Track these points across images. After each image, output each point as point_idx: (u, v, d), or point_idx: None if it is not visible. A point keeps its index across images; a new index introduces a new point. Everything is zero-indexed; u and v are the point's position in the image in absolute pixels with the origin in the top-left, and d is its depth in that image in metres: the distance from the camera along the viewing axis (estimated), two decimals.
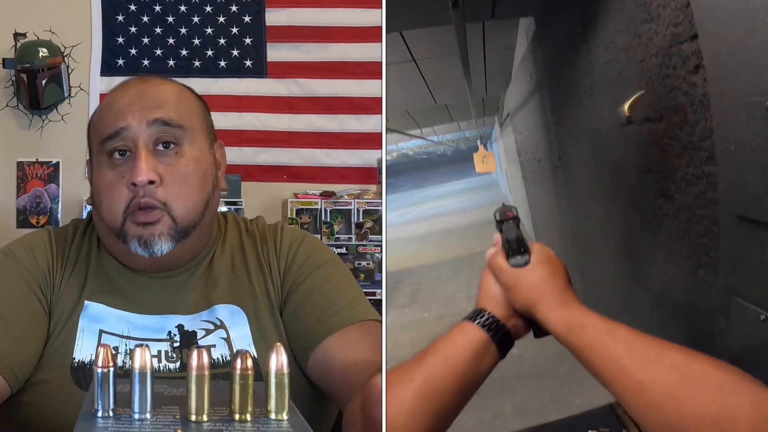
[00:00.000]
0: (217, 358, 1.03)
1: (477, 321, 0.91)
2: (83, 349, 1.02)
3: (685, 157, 1.25)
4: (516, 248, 0.94)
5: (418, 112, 7.69)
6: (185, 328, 1.05)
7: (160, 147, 1.02)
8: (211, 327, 1.06)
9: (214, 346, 1.04)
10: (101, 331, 1.03)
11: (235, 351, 1.01)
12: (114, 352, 0.98)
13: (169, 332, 1.05)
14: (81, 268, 1.08)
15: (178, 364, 1.03)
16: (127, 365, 0.99)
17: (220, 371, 0.99)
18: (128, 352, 1.02)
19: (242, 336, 1.05)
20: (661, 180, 1.47)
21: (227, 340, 1.05)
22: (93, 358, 1.00)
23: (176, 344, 1.04)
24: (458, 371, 0.86)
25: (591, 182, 2.48)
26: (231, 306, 1.07)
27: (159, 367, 1.02)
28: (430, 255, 8.98)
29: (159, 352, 1.03)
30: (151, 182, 0.99)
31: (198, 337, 1.05)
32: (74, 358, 1.01)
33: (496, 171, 15.19)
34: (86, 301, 1.05)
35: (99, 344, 1.01)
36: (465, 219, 12.44)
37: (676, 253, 1.45)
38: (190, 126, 1.06)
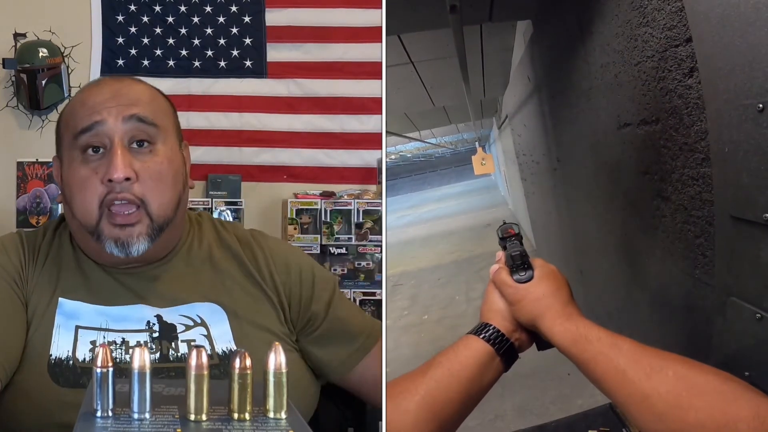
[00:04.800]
0: None
1: (482, 335, 0.93)
2: (60, 346, 1.03)
3: (681, 159, 1.26)
4: (519, 264, 0.98)
5: (417, 115, 7.69)
6: (164, 319, 1.07)
7: (135, 145, 1.04)
8: (191, 323, 1.07)
9: (194, 341, 1.06)
10: (78, 327, 1.04)
11: (218, 348, 1.04)
12: (92, 346, 1.01)
13: (148, 322, 1.06)
14: (52, 265, 1.09)
15: (157, 355, 1.04)
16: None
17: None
18: (107, 345, 1.03)
19: (223, 333, 1.07)
20: (657, 181, 1.47)
21: (208, 336, 1.07)
22: (70, 354, 1.02)
23: (155, 335, 1.05)
24: (462, 384, 0.88)
25: (589, 183, 2.48)
26: (211, 305, 1.09)
27: None
28: (430, 257, 9.00)
29: (138, 342, 1.04)
30: (127, 179, 1.01)
31: (178, 331, 1.06)
32: (51, 355, 1.02)
33: (495, 173, 15.18)
34: (61, 299, 1.06)
35: (76, 340, 1.03)
36: (464, 221, 12.45)
37: (673, 254, 1.46)
38: (162, 125, 1.08)
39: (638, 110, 1.51)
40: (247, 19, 2.84)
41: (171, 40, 2.83)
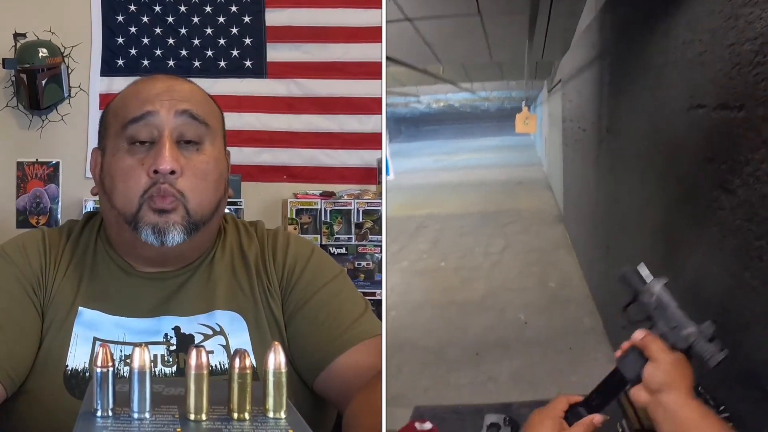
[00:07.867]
0: (215, 365, 1.01)
1: None
2: (77, 357, 1.00)
3: (761, 153, 1.18)
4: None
5: (472, 67, 7.76)
6: (182, 331, 1.04)
7: (182, 143, 1.02)
8: (210, 332, 1.04)
9: (212, 352, 1.02)
10: (95, 339, 1.02)
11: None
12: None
13: (166, 335, 1.03)
14: (75, 271, 1.06)
15: (174, 368, 1.02)
16: (121, 372, 0.97)
17: (218, 379, 0.95)
18: (123, 358, 1.00)
19: (242, 344, 1.04)
20: (724, 171, 1.39)
21: (226, 347, 1.04)
22: (86, 366, 0.99)
23: (173, 347, 1.03)
24: None
25: (640, 161, 2.38)
26: (231, 313, 1.06)
27: (155, 371, 1.00)
28: (457, 204, 9.07)
29: (155, 356, 1.01)
30: (173, 172, 0.99)
31: (195, 342, 1.03)
32: (67, 366, 0.99)
33: (535, 134, 15.12)
34: (81, 308, 1.03)
35: (93, 352, 1.00)
36: (497, 175, 12.53)
37: (722, 249, 1.39)
38: (212, 126, 1.07)
39: (719, 93, 1.43)
40: (247, 19, 2.84)
41: (171, 40, 2.83)
